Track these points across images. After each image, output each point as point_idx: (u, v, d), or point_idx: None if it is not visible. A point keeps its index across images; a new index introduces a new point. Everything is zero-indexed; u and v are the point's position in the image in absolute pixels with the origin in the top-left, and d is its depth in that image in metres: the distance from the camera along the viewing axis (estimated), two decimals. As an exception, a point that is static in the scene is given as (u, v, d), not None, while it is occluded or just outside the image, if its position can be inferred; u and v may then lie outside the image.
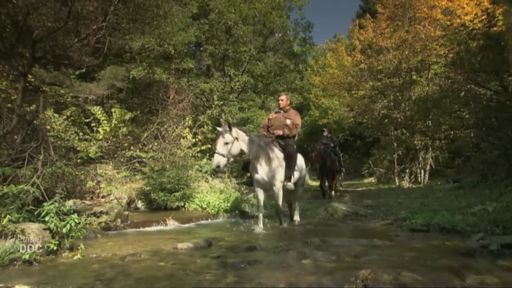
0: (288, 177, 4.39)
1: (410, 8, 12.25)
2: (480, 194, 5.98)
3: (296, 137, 4.92)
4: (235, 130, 4.10)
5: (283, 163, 4.39)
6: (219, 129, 4.14)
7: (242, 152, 4.17)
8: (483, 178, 7.51)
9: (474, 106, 8.23)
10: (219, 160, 3.94)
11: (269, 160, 4.25)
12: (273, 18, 11.77)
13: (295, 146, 4.69)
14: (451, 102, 8.92)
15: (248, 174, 4.69)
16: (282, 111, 4.87)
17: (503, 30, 6.92)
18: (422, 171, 12.18)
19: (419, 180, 12.02)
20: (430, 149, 12.26)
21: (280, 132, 4.68)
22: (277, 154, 4.42)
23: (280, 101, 4.89)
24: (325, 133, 9.20)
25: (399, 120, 12.46)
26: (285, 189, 4.44)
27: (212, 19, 11.20)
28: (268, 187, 4.39)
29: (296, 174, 4.59)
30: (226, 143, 3.97)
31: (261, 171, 4.25)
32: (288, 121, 4.68)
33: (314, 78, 18.21)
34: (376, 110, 13.44)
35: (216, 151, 3.97)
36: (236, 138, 4.07)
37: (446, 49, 9.75)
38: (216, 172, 4.02)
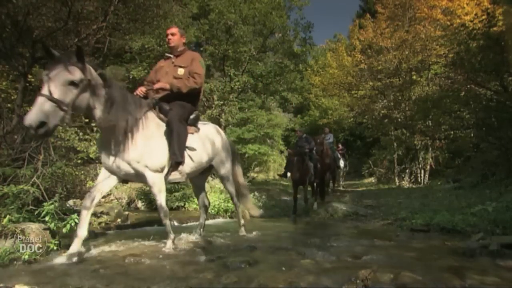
0: (176, 163, 2.87)
1: (410, 8, 12.26)
2: (480, 194, 5.99)
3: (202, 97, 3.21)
4: (89, 69, 2.36)
5: (164, 141, 2.82)
6: (58, 54, 2.28)
7: (90, 111, 2.43)
8: (483, 178, 7.52)
9: (474, 106, 8.23)
10: (47, 110, 2.09)
11: (136, 134, 2.61)
12: (273, 18, 11.77)
13: (188, 111, 3.07)
14: (451, 102, 8.93)
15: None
16: (172, 56, 3.23)
17: (503, 30, 6.94)
18: (422, 171, 12.18)
19: (419, 180, 12.01)
20: (430, 149, 12.26)
21: (164, 86, 2.96)
22: (154, 126, 2.81)
23: (170, 37, 3.21)
24: (299, 133, 7.75)
25: (399, 120, 12.47)
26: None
27: (212, 19, 11.20)
28: (133, 178, 2.84)
29: (199, 158, 3.13)
30: (73, 84, 2.21)
31: (120, 153, 2.59)
32: (180, 71, 3.09)
33: (314, 78, 18.25)
34: (376, 110, 13.46)
35: (43, 92, 2.13)
36: (89, 81, 2.32)
37: (446, 49, 9.77)
38: (35, 135, 2.09)
